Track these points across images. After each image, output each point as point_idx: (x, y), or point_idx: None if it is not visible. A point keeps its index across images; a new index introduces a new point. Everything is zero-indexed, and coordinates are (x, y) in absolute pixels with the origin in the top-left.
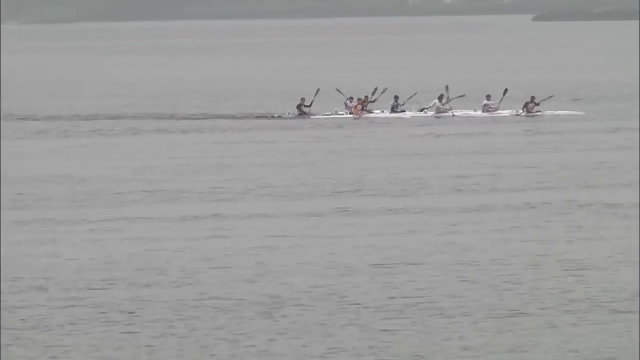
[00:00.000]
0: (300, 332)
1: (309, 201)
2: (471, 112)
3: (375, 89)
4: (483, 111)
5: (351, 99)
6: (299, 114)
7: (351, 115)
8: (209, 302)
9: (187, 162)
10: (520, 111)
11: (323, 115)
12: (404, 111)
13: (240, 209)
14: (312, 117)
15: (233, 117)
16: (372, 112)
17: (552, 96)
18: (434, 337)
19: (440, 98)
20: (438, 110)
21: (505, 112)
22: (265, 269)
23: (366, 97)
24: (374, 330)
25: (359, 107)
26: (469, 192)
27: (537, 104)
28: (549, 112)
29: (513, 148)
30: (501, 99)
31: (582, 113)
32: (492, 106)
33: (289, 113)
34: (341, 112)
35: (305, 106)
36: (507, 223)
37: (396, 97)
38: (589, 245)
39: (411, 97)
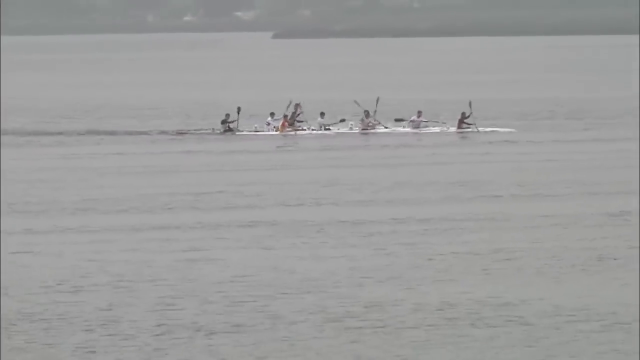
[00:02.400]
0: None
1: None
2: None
3: (290, 103)
4: (413, 127)
5: (272, 114)
6: (225, 131)
7: (277, 132)
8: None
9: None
10: (451, 127)
11: (247, 132)
12: (329, 129)
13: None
14: (237, 133)
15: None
16: (298, 129)
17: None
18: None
19: (366, 114)
20: (365, 126)
21: (436, 129)
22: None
23: (294, 113)
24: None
25: (287, 124)
26: (209, 209)
27: (469, 124)
28: (481, 129)
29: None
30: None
31: (515, 130)
32: (415, 123)
33: (213, 129)
34: (261, 129)
35: (229, 122)
36: (247, 240)
37: (322, 114)
38: (328, 263)
39: (341, 121)
